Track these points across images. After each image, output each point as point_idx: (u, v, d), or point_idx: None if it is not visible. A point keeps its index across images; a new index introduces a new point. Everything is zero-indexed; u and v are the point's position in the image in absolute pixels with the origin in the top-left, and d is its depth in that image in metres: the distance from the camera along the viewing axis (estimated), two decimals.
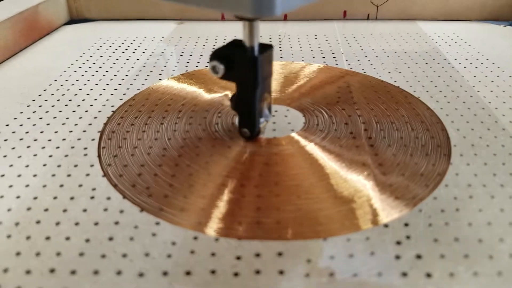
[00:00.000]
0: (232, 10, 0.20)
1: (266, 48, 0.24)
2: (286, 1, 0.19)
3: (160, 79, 0.34)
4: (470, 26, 0.46)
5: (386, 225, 0.20)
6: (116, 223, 0.20)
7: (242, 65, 0.23)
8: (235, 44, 0.24)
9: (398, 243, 0.19)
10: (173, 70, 0.36)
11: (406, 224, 0.20)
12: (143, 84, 0.33)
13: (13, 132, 0.27)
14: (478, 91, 0.32)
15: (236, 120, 0.27)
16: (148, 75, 0.35)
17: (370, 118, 0.28)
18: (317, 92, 0.31)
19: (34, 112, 0.30)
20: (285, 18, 0.49)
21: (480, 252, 0.19)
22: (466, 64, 0.37)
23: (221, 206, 0.21)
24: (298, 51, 0.40)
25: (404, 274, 0.18)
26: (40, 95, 0.32)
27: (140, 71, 0.36)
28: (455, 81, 0.33)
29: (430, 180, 0.23)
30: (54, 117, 0.29)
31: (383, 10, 0.48)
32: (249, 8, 0.19)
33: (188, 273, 0.18)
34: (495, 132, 0.27)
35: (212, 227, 0.20)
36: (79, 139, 0.26)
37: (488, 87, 0.32)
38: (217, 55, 0.23)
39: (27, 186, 0.23)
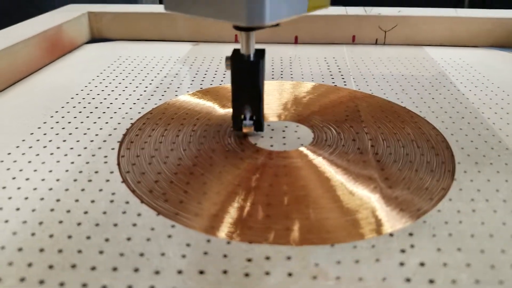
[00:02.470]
0: (230, 19, 0.23)
1: (261, 52, 0.27)
2: (275, 12, 0.23)
3: (176, 95, 0.36)
4: (476, 52, 0.48)
5: (391, 234, 0.21)
6: (134, 225, 0.21)
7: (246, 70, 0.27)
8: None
9: (403, 251, 0.20)
10: (189, 87, 0.37)
11: (411, 234, 0.21)
12: (160, 99, 0.35)
13: (37, 140, 0.29)
14: (483, 113, 0.33)
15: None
16: (165, 91, 0.37)
17: (377, 136, 0.29)
18: (326, 110, 0.33)
19: (57, 122, 0.31)
20: (296, 41, 0.51)
21: (482, 262, 0.19)
22: (471, 87, 0.38)
23: (233, 212, 0.22)
24: (308, 73, 0.41)
25: (408, 280, 0.18)
26: (62, 107, 0.34)
27: (157, 87, 0.37)
28: (460, 103, 0.35)
29: (434, 194, 0.24)
30: (76, 128, 0.30)
31: (391, 35, 0.50)
32: (244, 18, 0.22)
33: (201, 272, 0.19)
34: (498, 151, 0.28)
35: (224, 231, 0.21)
36: (99, 148, 0.28)
37: (493, 109, 0.33)
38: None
39: (50, 189, 0.24)
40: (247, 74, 0.27)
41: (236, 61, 0.26)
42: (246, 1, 0.22)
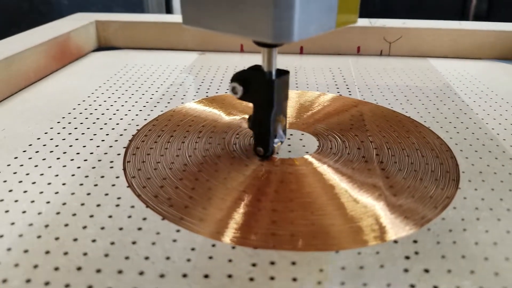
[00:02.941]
0: (254, 36, 0.22)
1: (282, 73, 0.25)
2: (303, 30, 0.21)
3: (182, 103, 0.36)
4: (480, 64, 0.48)
5: (395, 241, 0.21)
6: (139, 229, 0.21)
7: (259, 87, 0.25)
8: (254, 68, 0.26)
9: (407, 257, 0.20)
10: (194, 95, 0.38)
11: (415, 241, 0.21)
12: (166, 106, 0.35)
13: (44, 145, 0.29)
14: (487, 123, 0.33)
15: (253, 140, 0.29)
16: (171, 99, 0.37)
17: (382, 144, 0.29)
18: (331, 119, 0.33)
19: (64, 128, 0.31)
20: (301, 51, 0.51)
21: (486, 269, 0.19)
22: (475, 98, 0.38)
23: (238, 218, 0.22)
24: (313, 83, 0.41)
25: (412, 286, 0.18)
26: (69, 113, 0.34)
27: (163, 95, 0.38)
28: (465, 113, 0.35)
29: (438, 202, 0.24)
30: (83, 133, 0.31)
31: (395, 47, 0.50)
32: (270, 35, 0.21)
33: (206, 276, 0.19)
34: (502, 161, 0.28)
35: (229, 236, 0.21)
36: (105, 153, 0.28)
37: (497, 120, 0.34)
38: (237, 77, 0.25)
39: (56, 193, 0.24)
40: (257, 91, 0.25)
41: (253, 77, 0.25)
42: (273, 18, 0.20)
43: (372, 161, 0.27)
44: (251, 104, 0.26)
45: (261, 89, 0.25)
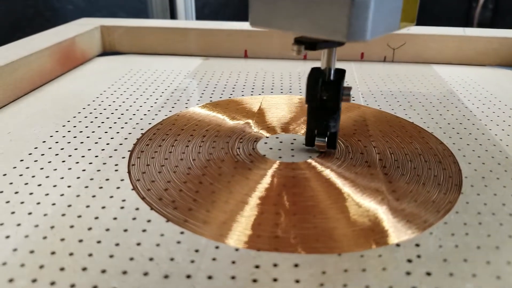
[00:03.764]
0: (328, 35, 0.22)
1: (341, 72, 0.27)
2: (374, 30, 0.22)
3: (186, 108, 0.36)
4: (484, 70, 0.48)
5: (398, 245, 0.21)
6: (144, 230, 0.22)
7: (332, 89, 0.26)
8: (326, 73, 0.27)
9: (409, 261, 0.20)
10: (198, 100, 0.38)
11: (417, 245, 0.21)
12: (170, 111, 0.35)
13: (49, 148, 0.29)
14: (490, 129, 0.33)
15: (258, 146, 0.29)
16: (175, 103, 0.37)
17: (385, 149, 0.30)
18: None
19: (69, 131, 0.32)
20: (305, 57, 0.52)
21: (488, 273, 0.19)
22: (479, 104, 0.38)
23: (241, 221, 0.22)
24: None
25: None
26: (74, 117, 0.34)
27: (167, 99, 0.38)
28: (468, 119, 0.35)
29: (441, 207, 0.24)
30: (88, 137, 0.31)
31: (399, 53, 0.51)
32: (345, 34, 0.22)
33: (210, 277, 0.19)
34: (505, 167, 0.28)
35: (233, 239, 0.21)
36: (110, 156, 0.28)
37: (500, 126, 0.34)
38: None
39: (62, 195, 0.24)
40: (328, 91, 0.26)
41: (317, 77, 0.26)
42: (349, 17, 0.21)
43: (375, 166, 0.28)
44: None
45: (333, 91, 0.26)
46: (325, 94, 0.26)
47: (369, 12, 0.21)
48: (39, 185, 0.25)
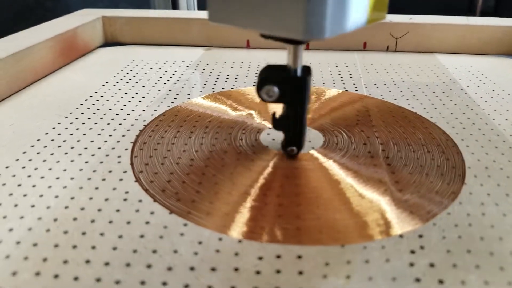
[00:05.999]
0: (284, 33, 0.21)
1: (307, 69, 0.25)
2: (334, 27, 0.21)
3: (188, 99, 0.36)
4: (487, 59, 0.48)
5: (401, 236, 0.21)
6: (147, 222, 0.22)
7: (292, 87, 0.25)
8: (279, 68, 0.25)
9: (412, 252, 0.20)
10: (201, 91, 0.38)
11: (420, 236, 0.21)
12: (172, 102, 0.35)
13: (52, 140, 0.29)
14: (494, 119, 0.33)
15: (261, 137, 0.29)
16: (177, 94, 0.37)
17: (388, 140, 0.29)
18: (336, 115, 0.33)
19: (71, 123, 0.32)
20: (308, 47, 0.51)
21: (491, 264, 0.19)
22: (482, 94, 0.38)
23: (245, 212, 0.22)
24: (319, 79, 0.41)
25: (418, 280, 0.18)
26: (76, 108, 0.34)
27: (170, 90, 0.38)
28: (471, 109, 0.35)
29: (444, 197, 0.24)
30: (90, 128, 0.31)
31: (402, 42, 0.50)
32: (301, 32, 0.21)
33: (213, 269, 0.19)
34: (509, 157, 0.28)
35: (236, 230, 0.21)
36: (113, 148, 0.28)
37: (504, 116, 0.33)
38: (271, 79, 0.25)
39: (64, 187, 0.24)
40: (292, 90, 0.25)
41: (280, 77, 0.25)
42: (304, 14, 0.20)
43: (378, 157, 0.27)
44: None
45: (294, 89, 0.25)
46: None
47: (327, 8, 0.20)
48: (42, 177, 0.25)
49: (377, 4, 0.24)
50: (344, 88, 0.39)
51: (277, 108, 0.27)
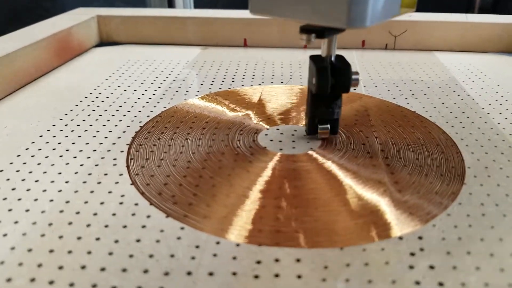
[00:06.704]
0: (328, 22, 0.22)
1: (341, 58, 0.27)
2: (374, 16, 0.22)
3: (185, 99, 0.36)
4: (486, 57, 0.48)
5: (400, 238, 0.21)
6: (143, 226, 0.21)
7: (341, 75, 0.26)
8: (327, 60, 0.27)
9: (412, 254, 0.20)
10: (198, 91, 0.38)
11: (420, 237, 0.21)
12: (169, 103, 0.35)
13: (47, 143, 0.29)
14: (493, 118, 0.33)
15: (258, 138, 0.29)
16: (173, 95, 0.37)
17: (387, 140, 0.29)
18: None
19: (66, 125, 0.31)
20: (305, 46, 0.51)
21: (491, 266, 0.19)
22: (481, 93, 0.38)
23: (242, 215, 0.22)
24: None
25: (417, 283, 0.18)
26: (71, 110, 0.34)
27: (166, 91, 0.38)
28: (471, 108, 0.34)
29: (444, 198, 0.24)
30: (85, 130, 0.31)
31: (401, 40, 0.50)
32: (344, 20, 0.22)
33: (210, 273, 0.19)
34: (508, 156, 0.28)
35: (234, 234, 0.21)
36: (108, 150, 0.28)
37: (503, 115, 0.33)
38: (328, 73, 0.26)
39: (59, 191, 0.24)
40: (339, 77, 0.26)
41: (324, 65, 0.26)
42: (348, 3, 0.21)
43: (377, 157, 0.27)
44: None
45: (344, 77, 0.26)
46: (336, 81, 0.26)
47: None
48: (37, 181, 0.25)
49: None
50: None
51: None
